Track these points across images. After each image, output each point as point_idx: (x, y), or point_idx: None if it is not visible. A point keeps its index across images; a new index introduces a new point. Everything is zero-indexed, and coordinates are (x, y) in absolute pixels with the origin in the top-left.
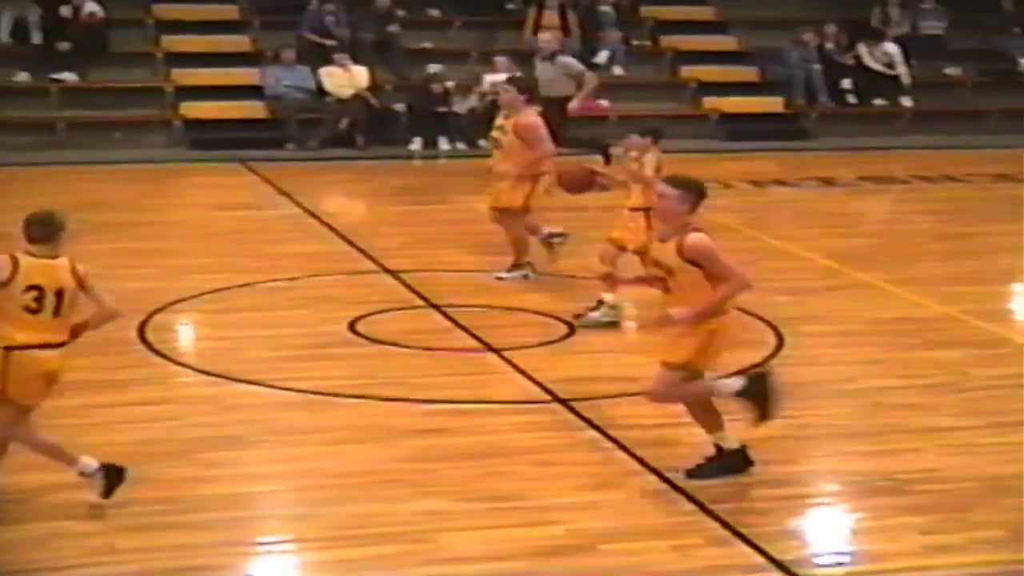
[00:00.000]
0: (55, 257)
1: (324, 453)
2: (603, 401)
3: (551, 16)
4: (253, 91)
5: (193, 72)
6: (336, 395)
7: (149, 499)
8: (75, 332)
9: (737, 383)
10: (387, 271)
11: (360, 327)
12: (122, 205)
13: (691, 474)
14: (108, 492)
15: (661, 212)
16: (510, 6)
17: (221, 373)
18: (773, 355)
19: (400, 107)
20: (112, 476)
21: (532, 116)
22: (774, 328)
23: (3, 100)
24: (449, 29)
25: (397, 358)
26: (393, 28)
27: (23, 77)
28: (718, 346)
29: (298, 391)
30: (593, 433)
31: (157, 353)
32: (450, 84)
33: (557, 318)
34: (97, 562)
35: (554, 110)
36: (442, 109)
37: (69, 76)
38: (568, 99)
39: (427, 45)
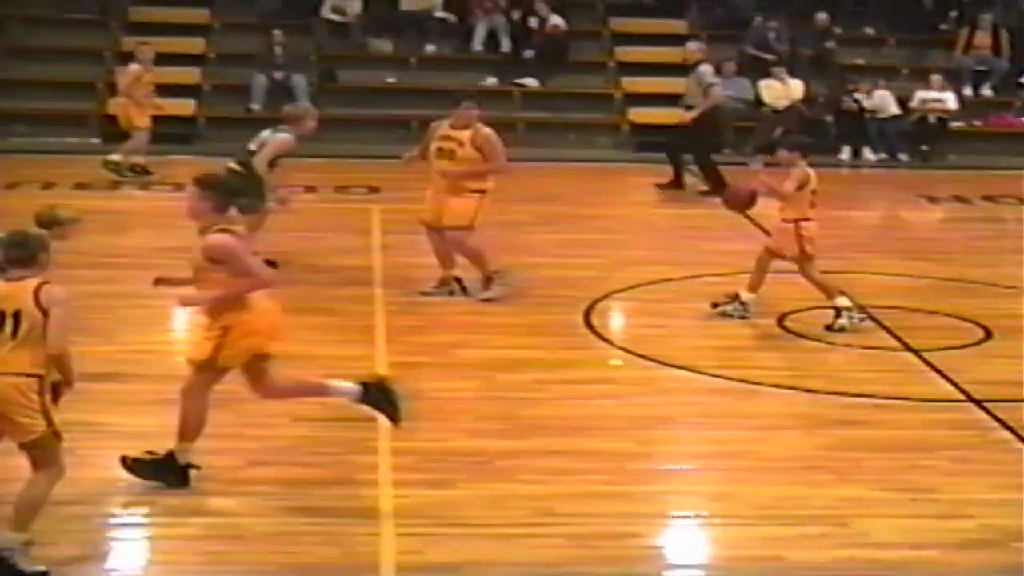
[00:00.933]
0: (21, 280)
1: (750, 438)
2: (1018, 404)
3: (983, 36)
4: None
5: (641, 81)
6: (763, 384)
7: (590, 469)
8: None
9: (355, 389)
10: None
11: (788, 323)
12: (572, 200)
13: (125, 463)
14: None
15: (188, 212)
16: (943, 26)
17: (657, 358)
18: None
19: (829, 118)
20: None
21: (489, 129)
22: None
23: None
24: (883, 46)
25: (821, 353)
26: (830, 44)
27: (491, 81)
28: (235, 341)
29: (728, 379)
30: (1006, 434)
31: (600, 337)
32: (861, 85)
33: (975, 322)
34: (538, 523)
35: (703, 120)
36: (866, 115)
37: (531, 81)
38: (715, 108)
39: (860, 61)
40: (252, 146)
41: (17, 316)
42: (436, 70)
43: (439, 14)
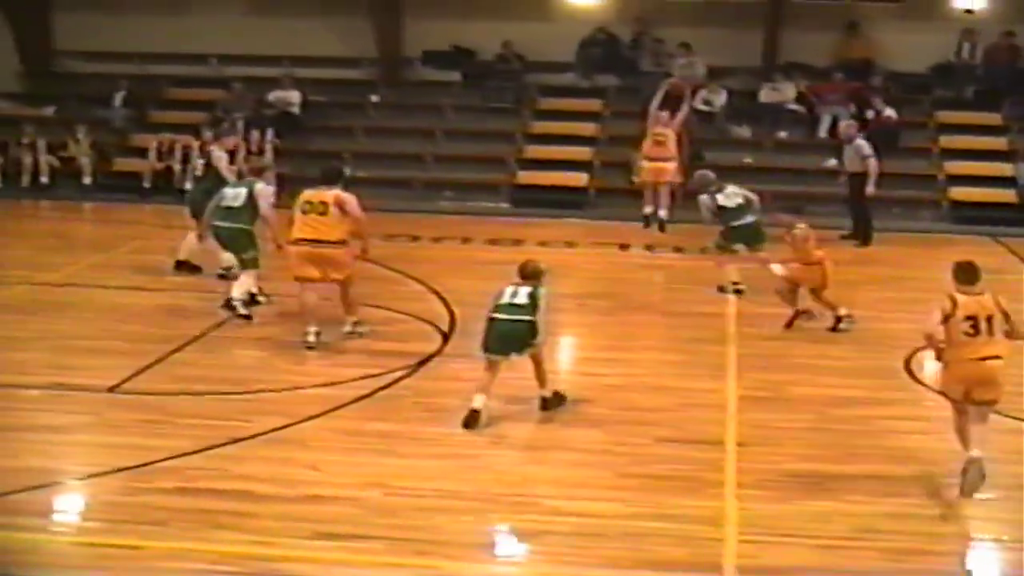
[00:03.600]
0: (981, 294)
1: None
2: None
3: None
4: (1007, 181)
5: (961, 164)
6: None
7: (904, 492)
8: None
9: None
10: None
11: None
12: (895, 263)
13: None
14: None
15: None
16: None
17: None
18: None
19: None
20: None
21: None
22: None
23: (806, 180)
24: None
25: None
26: None
27: (832, 162)
28: None
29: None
30: None
31: (916, 380)
32: None
33: None
34: (857, 537)
35: (855, 184)
36: None
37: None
38: (863, 175)
39: None
40: None
41: (990, 319)
42: (786, 153)
43: (791, 106)
